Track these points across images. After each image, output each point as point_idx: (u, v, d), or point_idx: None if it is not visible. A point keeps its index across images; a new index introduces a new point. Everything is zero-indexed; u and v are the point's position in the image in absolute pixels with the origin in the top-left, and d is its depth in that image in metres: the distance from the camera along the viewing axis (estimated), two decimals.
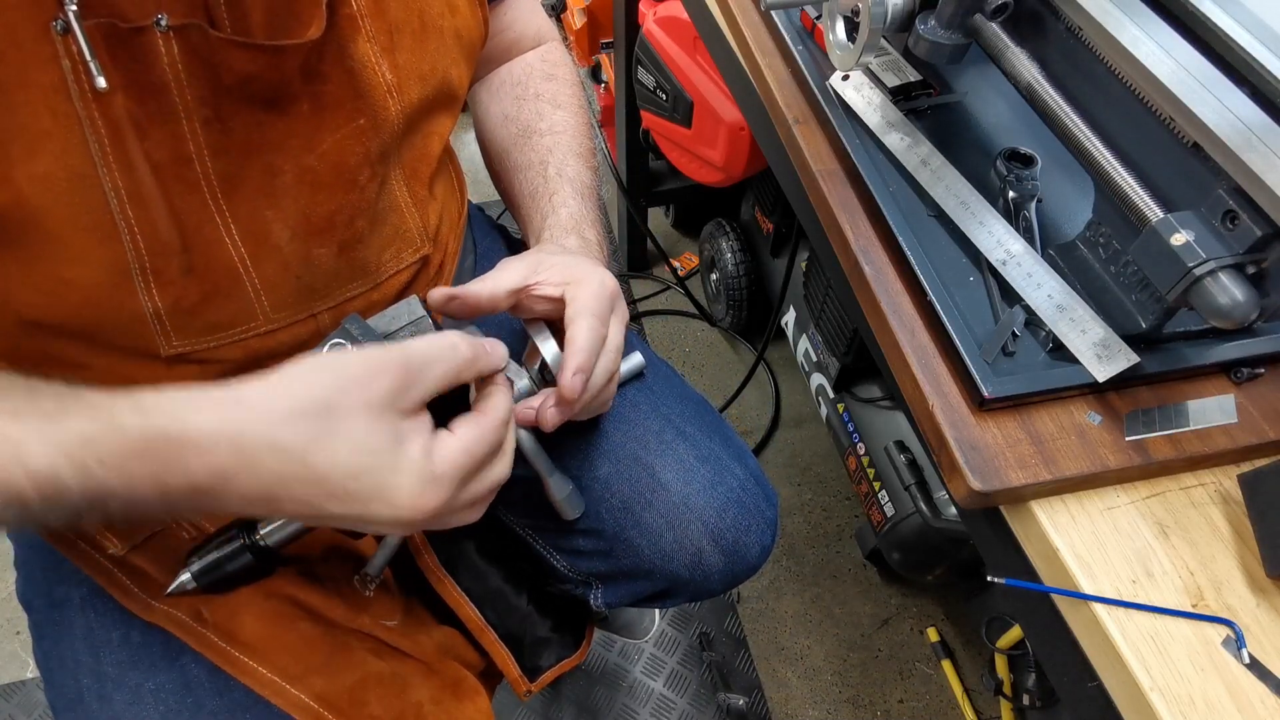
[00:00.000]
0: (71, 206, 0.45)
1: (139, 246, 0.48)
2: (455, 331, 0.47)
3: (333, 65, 0.50)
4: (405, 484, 0.42)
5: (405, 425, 0.43)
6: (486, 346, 0.48)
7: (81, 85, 0.43)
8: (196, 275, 0.51)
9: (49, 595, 0.61)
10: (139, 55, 0.44)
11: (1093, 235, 0.56)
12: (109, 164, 0.45)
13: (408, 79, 0.55)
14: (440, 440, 0.44)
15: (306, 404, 0.40)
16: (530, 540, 0.74)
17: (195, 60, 0.45)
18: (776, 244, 1.48)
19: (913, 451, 1.16)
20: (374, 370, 0.42)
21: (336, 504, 0.42)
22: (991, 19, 0.58)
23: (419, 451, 0.43)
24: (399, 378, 0.42)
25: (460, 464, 0.44)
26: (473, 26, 0.61)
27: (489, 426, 0.46)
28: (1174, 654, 0.44)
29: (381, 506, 0.42)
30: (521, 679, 0.74)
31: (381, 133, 0.54)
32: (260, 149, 0.50)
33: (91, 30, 0.42)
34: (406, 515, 0.43)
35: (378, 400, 0.41)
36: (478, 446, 0.45)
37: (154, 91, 0.45)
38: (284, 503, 0.41)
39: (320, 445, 0.40)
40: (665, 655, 1.30)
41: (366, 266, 0.59)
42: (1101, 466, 0.49)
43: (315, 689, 0.57)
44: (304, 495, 0.41)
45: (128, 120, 0.45)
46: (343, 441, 0.41)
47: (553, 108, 0.72)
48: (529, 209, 0.68)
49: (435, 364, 0.44)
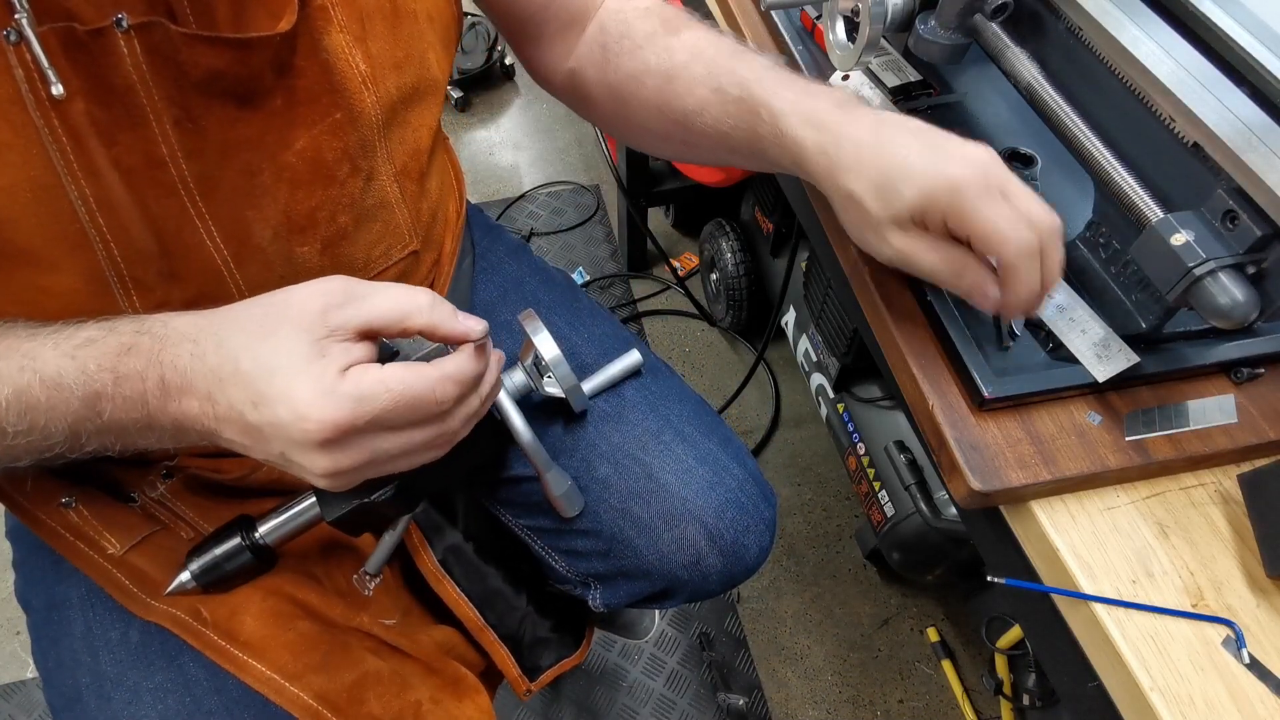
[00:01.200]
0: (39, 217, 0.45)
1: (114, 254, 0.48)
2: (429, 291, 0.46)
3: (305, 58, 0.49)
4: (308, 387, 0.41)
5: (333, 344, 0.43)
6: (461, 317, 0.46)
7: (38, 94, 0.42)
8: (178, 279, 0.51)
9: (48, 595, 0.61)
10: (100, 58, 0.42)
11: (1093, 235, 0.56)
12: (73, 172, 0.44)
13: (382, 68, 0.53)
14: (362, 367, 0.43)
15: (253, 311, 0.44)
16: (529, 540, 0.74)
17: (159, 59, 0.44)
18: (776, 244, 1.48)
19: (913, 451, 1.16)
20: (316, 288, 0.44)
21: (253, 410, 0.42)
22: (991, 19, 0.58)
23: (334, 366, 0.42)
24: (335, 295, 0.44)
25: (371, 392, 0.42)
26: (444, 7, 0.59)
27: (423, 375, 0.44)
28: (1174, 654, 0.44)
29: (285, 410, 0.41)
30: (521, 679, 0.74)
31: (359, 126, 0.53)
32: (236, 148, 0.49)
33: (46, 36, 0.40)
34: (308, 425, 0.41)
35: (309, 314, 0.43)
36: (399, 385, 0.43)
37: (119, 95, 0.44)
38: (220, 406, 0.43)
39: (251, 345, 0.43)
40: (665, 655, 1.30)
41: (353, 263, 0.58)
42: (1101, 466, 0.49)
43: (314, 687, 0.57)
44: (235, 399, 0.43)
45: (90, 127, 0.44)
46: (269, 344, 0.42)
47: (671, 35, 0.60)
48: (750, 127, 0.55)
49: (380, 293, 0.44)
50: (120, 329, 0.44)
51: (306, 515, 0.58)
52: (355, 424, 0.42)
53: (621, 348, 0.71)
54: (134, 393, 0.44)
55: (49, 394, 0.43)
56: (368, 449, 0.44)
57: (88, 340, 0.44)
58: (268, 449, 0.44)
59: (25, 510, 0.59)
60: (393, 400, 0.43)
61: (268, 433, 0.42)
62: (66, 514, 0.59)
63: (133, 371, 0.43)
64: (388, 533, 0.63)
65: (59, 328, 0.45)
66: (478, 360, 0.47)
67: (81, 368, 0.43)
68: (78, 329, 0.44)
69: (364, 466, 0.44)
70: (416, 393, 0.44)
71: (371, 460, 0.44)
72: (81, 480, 0.60)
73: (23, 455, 0.45)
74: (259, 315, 0.44)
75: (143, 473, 0.61)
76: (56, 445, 0.45)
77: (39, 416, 0.43)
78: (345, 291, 0.44)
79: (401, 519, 0.63)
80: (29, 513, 0.59)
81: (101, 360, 0.43)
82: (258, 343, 0.42)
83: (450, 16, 0.61)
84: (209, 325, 0.44)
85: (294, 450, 0.43)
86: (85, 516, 0.59)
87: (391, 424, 0.44)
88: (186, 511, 0.62)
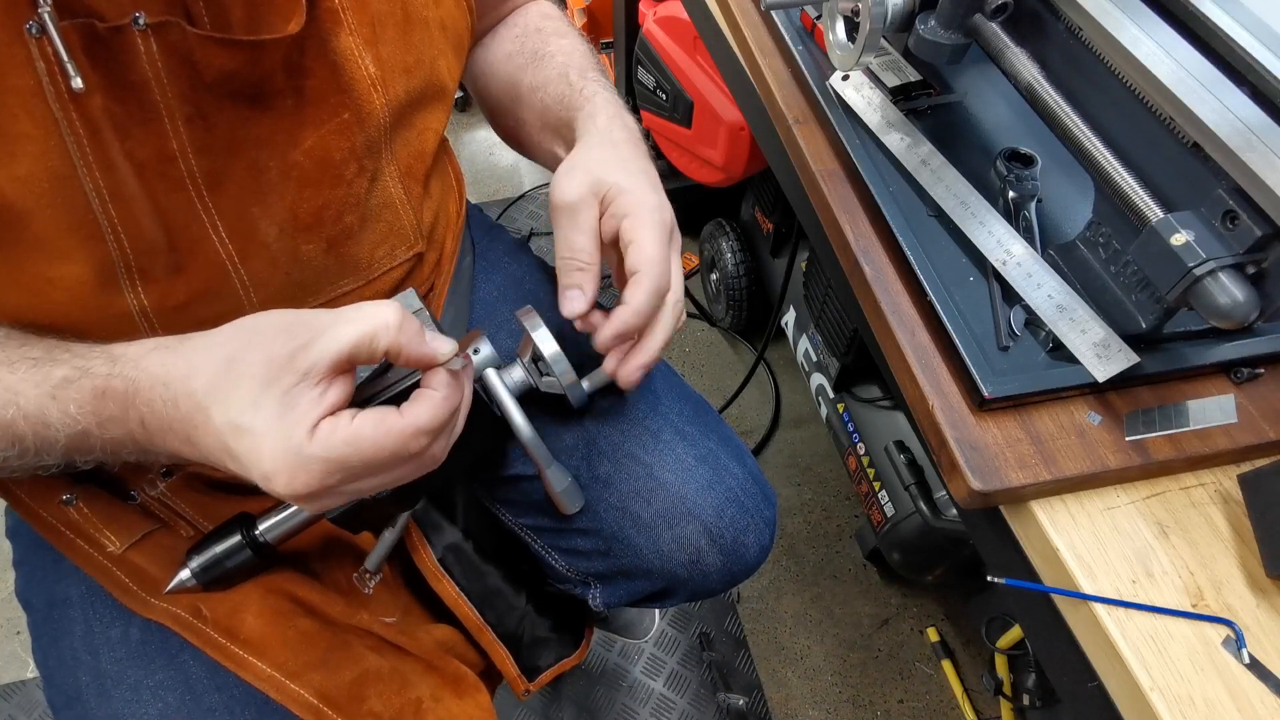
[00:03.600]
0: (54, 207, 0.45)
1: (123, 246, 0.48)
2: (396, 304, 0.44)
3: (315, 59, 0.50)
4: (276, 450, 0.40)
5: (300, 391, 0.41)
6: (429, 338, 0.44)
7: (58, 87, 0.43)
8: (184, 273, 0.51)
9: (48, 594, 0.61)
10: (118, 55, 0.44)
11: (1093, 235, 0.56)
12: (89, 164, 0.45)
13: (392, 72, 0.54)
14: (333, 421, 0.41)
15: (218, 355, 0.42)
16: (529, 539, 0.74)
17: (175, 58, 0.45)
18: (776, 244, 1.48)
19: (913, 451, 1.16)
20: (280, 325, 0.42)
21: (231, 461, 0.42)
22: (991, 19, 0.58)
23: (301, 424, 0.40)
24: (301, 334, 0.41)
25: (339, 455, 0.41)
26: (458, 17, 0.61)
27: (394, 430, 0.42)
28: (1174, 654, 0.44)
29: (256, 473, 0.41)
30: (520, 678, 0.74)
31: (367, 127, 0.54)
32: (244, 145, 0.49)
33: (67, 31, 0.41)
34: (276, 487, 0.41)
35: (277, 356, 0.41)
36: (366, 443, 0.42)
37: (134, 90, 0.45)
38: (200, 449, 0.43)
39: (218, 397, 0.41)
40: (665, 655, 1.30)
41: (357, 263, 0.59)
42: (1101, 466, 0.49)
43: (315, 685, 0.57)
44: (210, 446, 0.42)
45: (107, 120, 0.45)
46: (236, 396, 0.41)
47: (557, 37, 0.70)
48: (556, 115, 0.65)
49: (342, 323, 0.42)
50: (94, 371, 0.44)
51: (306, 513, 0.58)
52: (325, 484, 0.42)
53: None
54: (121, 433, 0.44)
55: (35, 430, 0.44)
56: (345, 493, 0.44)
57: (64, 381, 0.44)
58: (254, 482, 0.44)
59: (26, 506, 0.59)
60: (363, 460, 0.42)
61: (249, 477, 0.43)
62: (67, 511, 0.59)
63: (113, 416, 0.44)
64: (387, 530, 0.63)
65: (36, 360, 0.44)
66: (452, 391, 0.45)
67: (64, 410, 0.44)
68: (53, 366, 0.44)
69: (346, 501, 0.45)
70: (390, 449, 0.43)
71: (353, 497, 0.45)
72: (82, 478, 0.60)
73: (20, 472, 0.47)
74: (224, 359, 0.42)
75: (143, 471, 0.62)
76: (53, 468, 0.46)
77: (28, 445, 0.44)
78: (307, 325, 0.42)
79: (401, 516, 0.63)
80: (30, 509, 0.59)
81: (81, 404, 0.44)
82: (227, 392, 0.41)
83: (464, 26, 0.62)
84: (177, 368, 0.43)
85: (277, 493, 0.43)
86: (85, 514, 0.59)
87: (365, 474, 0.44)
88: (186, 509, 0.62)
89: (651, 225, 0.53)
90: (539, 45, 0.69)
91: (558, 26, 0.71)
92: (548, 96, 0.65)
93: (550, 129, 0.66)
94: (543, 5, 0.74)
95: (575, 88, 0.64)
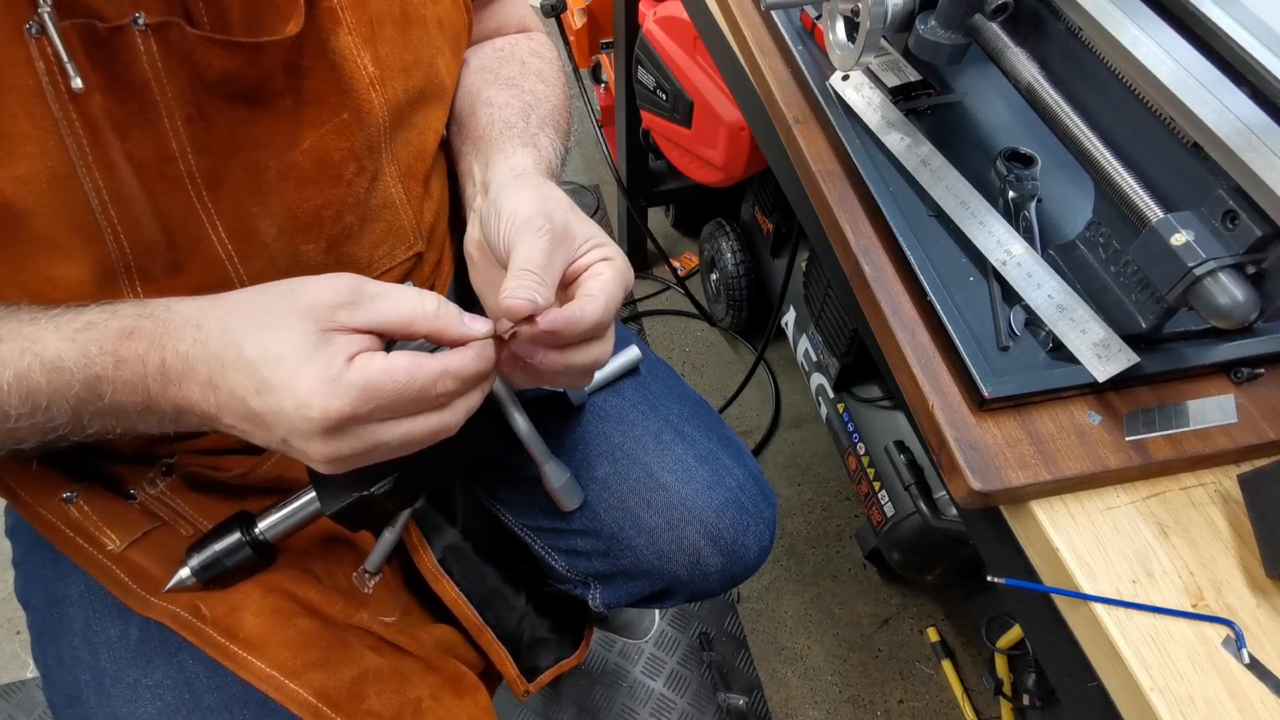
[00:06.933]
0: (54, 207, 0.45)
1: (123, 245, 0.48)
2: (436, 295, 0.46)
3: (314, 60, 0.50)
4: (314, 375, 0.41)
5: (338, 334, 0.43)
6: (467, 319, 0.46)
7: (58, 87, 0.43)
8: (183, 273, 0.51)
9: (48, 593, 0.61)
10: (117, 55, 0.44)
11: (1093, 235, 0.56)
12: (89, 164, 0.45)
13: (390, 71, 0.54)
14: (368, 355, 0.43)
15: (259, 296, 0.44)
16: (529, 540, 0.74)
17: (174, 59, 0.45)
18: (776, 244, 1.48)
19: (913, 451, 1.16)
20: (326, 284, 0.44)
21: (256, 397, 0.42)
22: (991, 19, 0.58)
23: (339, 355, 0.42)
24: (345, 294, 0.43)
25: (375, 381, 0.42)
26: (455, 15, 0.61)
27: (427, 367, 0.43)
28: (1174, 654, 0.44)
29: (289, 397, 0.41)
30: (519, 679, 0.74)
31: (366, 127, 0.54)
32: (243, 146, 0.49)
33: (68, 31, 0.42)
34: (311, 414, 0.41)
35: (319, 307, 0.43)
36: (403, 376, 0.43)
37: (134, 91, 0.45)
38: (221, 393, 0.43)
39: (256, 332, 0.42)
40: (665, 655, 1.30)
41: (357, 262, 0.59)
42: (1101, 466, 0.49)
43: (314, 684, 0.57)
44: (237, 385, 0.42)
45: (107, 120, 0.45)
46: (274, 333, 0.42)
47: (538, 80, 0.68)
48: (499, 136, 0.61)
49: (389, 298, 0.44)
50: (122, 312, 0.45)
51: (306, 510, 0.58)
52: (358, 413, 0.42)
53: (620, 345, 0.71)
54: (134, 376, 0.44)
55: (50, 377, 0.43)
56: (368, 438, 0.44)
57: (88, 324, 0.44)
58: (268, 435, 0.44)
59: (26, 505, 0.59)
60: (397, 390, 0.43)
61: (269, 420, 0.42)
62: (67, 509, 0.59)
63: (134, 355, 0.44)
64: (387, 530, 0.63)
65: (61, 311, 0.45)
66: (482, 359, 0.47)
67: (83, 351, 0.43)
68: (79, 313, 0.45)
69: (363, 454, 0.44)
70: (421, 384, 0.43)
71: (371, 449, 0.44)
72: (82, 476, 0.60)
73: (27, 437, 0.46)
74: (265, 303, 0.44)
75: (143, 469, 0.62)
76: (60, 427, 0.46)
77: (41, 399, 0.44)
78: (356, 290, 0.44)
79: (401, 515, 0.63)
80: (30, 507, 0.59)
81: (103, 343, 0.44)
82: (263, 330, 0.42)
83: (461, 24, 0.62)
84: (213, 310, 0.44)
85: (295, 437, 0.43)
86: (85, 512, 0.59)
87: (393, 414, 0.44)
88: (186, 508, 0.62)
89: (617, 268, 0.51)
90: (517, 77, 0.67)
91: (541, 69, 0.70)
92: (499, 116, 0.63)
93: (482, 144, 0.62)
94: (534, 42, 0.72)
95: (530, 127, 0.62)
